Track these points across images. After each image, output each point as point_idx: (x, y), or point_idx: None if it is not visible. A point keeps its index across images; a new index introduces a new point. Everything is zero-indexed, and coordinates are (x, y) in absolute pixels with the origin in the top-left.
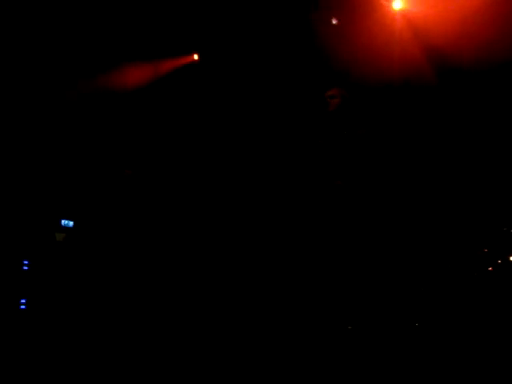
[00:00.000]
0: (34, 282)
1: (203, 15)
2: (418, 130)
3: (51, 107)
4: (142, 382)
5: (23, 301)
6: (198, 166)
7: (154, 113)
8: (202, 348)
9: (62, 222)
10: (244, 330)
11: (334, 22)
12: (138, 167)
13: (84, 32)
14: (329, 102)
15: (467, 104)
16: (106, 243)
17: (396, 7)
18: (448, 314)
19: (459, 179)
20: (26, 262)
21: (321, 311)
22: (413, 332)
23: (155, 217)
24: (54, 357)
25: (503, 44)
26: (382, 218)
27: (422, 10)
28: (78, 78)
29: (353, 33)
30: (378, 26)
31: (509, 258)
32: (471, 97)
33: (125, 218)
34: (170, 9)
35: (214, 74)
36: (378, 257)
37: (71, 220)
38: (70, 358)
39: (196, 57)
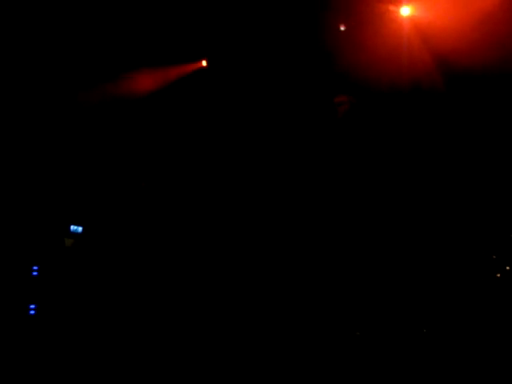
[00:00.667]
0: (43, 288)
1: (212, 21)
2: (426, 135)
3: (64, 115)
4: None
5: (33, 306)
6: (208, 172)
7: (163, 120)
8: (202, 348)
9: (71, 227)
10: (244, 329)
11: (342, 28)
12: (151, 178)
13: (92, 39)
14: (337, 109)
15: (476, 109)
16: (114, 250)
17: (404, 13)
18: (448, 315)
19: (467, 184)
20: (35, 268)
21: (321, 311)
22: (413, 333)
23: (164, 225)
24: (63, 360)
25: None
26: (388, 221)
27: (430, 16)
28: (87, 86)
29: (360, 39)
30: (385, 32)
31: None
32: (480, 102)
33: (134, 225)
34: (179, 15)
35: (222, 81)
36: (377, 256)
37: (80, 226)
38: (78, 361)
39: (204, 63)
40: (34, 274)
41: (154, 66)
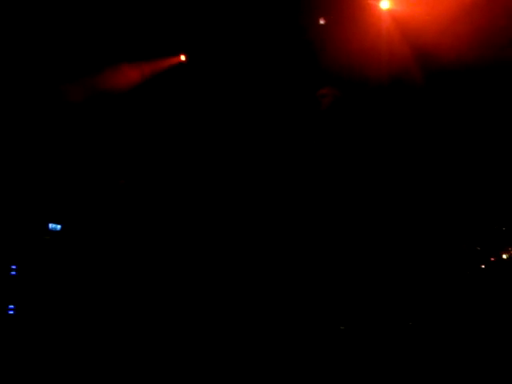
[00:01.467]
0: (22, 287)
1: (191, 16)
2: (407, 126)
3: (40, 111)
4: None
5: (11, 306)
6: (189, 167)
7: (143, 116)
8: (201, 348)
9: (50, 225)
10: (244, 329)
11: (322, 22)
12: (131, 175)
13: (71, 34)
14: (321, 101)
15: (454, 101)
16: (94, 247)
17: (384, 7)
18: (442, 310)
19: (448, 177)
20: (13, 267)
21: (320, 311)
22: (409, 330)
23: (144, 222)
24: (45, 360)
25: (489, 43)
26: (375, 215)
27: (410, 10)
28: (65, 81)
29: (341, 33)
30: (365, 25)
31: (501, 256)
32: (458, 94)
33: (113, 223)
34: (157, 10)
35: (203, 75)
36: (371, 253)
37: (59, 224)
38: (60, 361)
39: (183, 58)
40: (13, 273)
41: (133, 60)
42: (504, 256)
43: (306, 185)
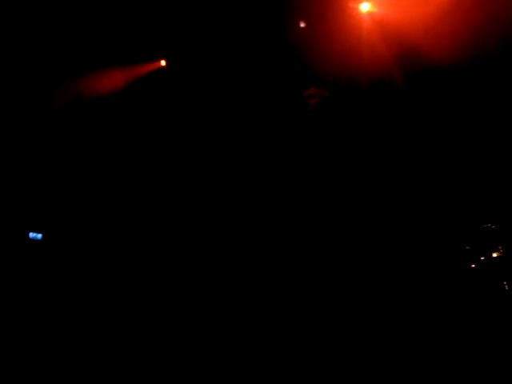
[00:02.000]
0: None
1: (170, 19)
2: (392, 126)
3: (17, 116)
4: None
5: None
6: (170, 171)
7: (123, 121)
8: (201, 348)
9: (30, 234)
10: (244, 329)
11: (302, 24)
12: (112, 180)
13: (49, 39)
14: (307, 103)
15: (437, 101)
16: (76, 255)
17: (363, 9)
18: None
19: (434, 176)
20: None
21: (320, 310)
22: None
23: (125, 227)
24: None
25: (468, 44)
26: (362, 212)
27: (390, 12)
28: (44, 85)
29: (322, 35)
30: (346, 27)
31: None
32: (440, 94)
33: (95, 229)
34: (136, 15)
35: (184, 80)
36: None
37: (40, 232)
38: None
39: (163, 63)
40: None
41: (112, 66)
42: (494, 255)
43: (294, 185)
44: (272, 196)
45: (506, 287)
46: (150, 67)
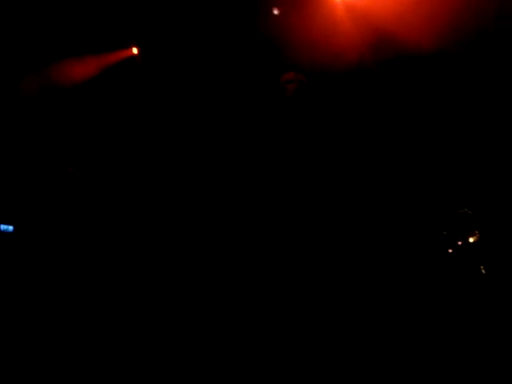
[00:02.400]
0: None
1: (142, 7)
2: (371, 112)
3: None
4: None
5: None
6: (142, 161)
7: (94, 108)
8: (201, 348)
9: (1, 226)
10: (244, 329)
11: (276, 12)
12: (81, 164)
13: (21, 26)
14: (285, 88)
15: (410, 90)
16: (50, 247)
17: None
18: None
19: (413, 162)
20: None
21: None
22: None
23: (100, 214)
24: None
25: (445, 29)
26: (346, 205)
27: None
28: (15, 73)
29: (296, 22)
30: (320, 14)
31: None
32: (416, 83)
33: (68, 218)
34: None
35: (157, 68)
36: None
37: (10, 224)
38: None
39: (135, 50)
40: None
41: (83, 53)
42: (471, 239)
43: (274, 171)
44: (251, 182)
45: (483, 271)
46: (122, 54)
